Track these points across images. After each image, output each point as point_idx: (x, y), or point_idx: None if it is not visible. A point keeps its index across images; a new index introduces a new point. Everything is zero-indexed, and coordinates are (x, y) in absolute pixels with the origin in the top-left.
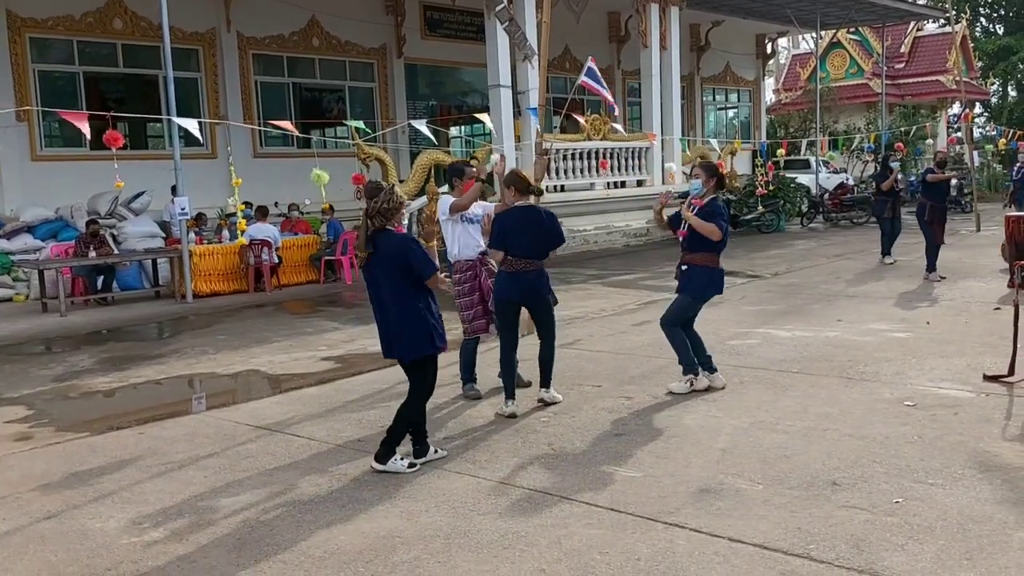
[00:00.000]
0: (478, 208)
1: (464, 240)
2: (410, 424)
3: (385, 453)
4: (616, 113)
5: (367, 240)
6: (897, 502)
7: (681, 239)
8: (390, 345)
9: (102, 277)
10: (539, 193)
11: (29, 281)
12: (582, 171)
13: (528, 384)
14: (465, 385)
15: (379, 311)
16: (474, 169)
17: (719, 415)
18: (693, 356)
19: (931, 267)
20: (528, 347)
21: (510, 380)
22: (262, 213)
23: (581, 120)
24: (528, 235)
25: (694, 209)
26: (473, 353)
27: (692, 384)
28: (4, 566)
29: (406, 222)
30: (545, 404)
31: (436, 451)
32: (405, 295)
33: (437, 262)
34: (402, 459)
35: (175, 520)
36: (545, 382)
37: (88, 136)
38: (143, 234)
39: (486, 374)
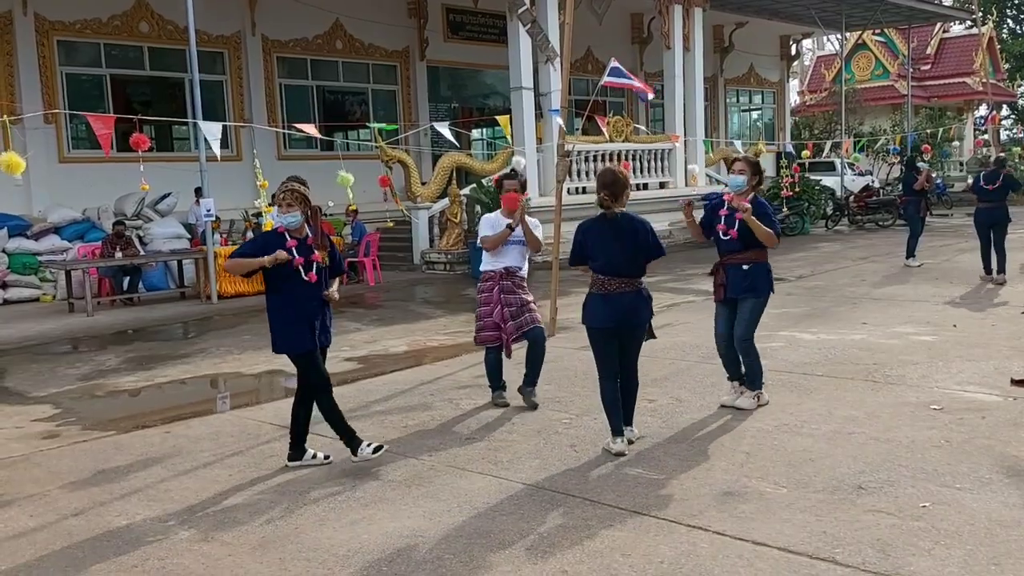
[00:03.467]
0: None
1: (491, 258)
2: (296, 419)
3: (348, 443)
4: (651, 97)
5: None
6: (924, 506)
7: (726, 239)
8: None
9: (128, 278)
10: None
11: (56, 281)
12: None
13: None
14: (493, 394)
15: None
16: (515, 182)
17: (743, 418)
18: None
19: (985, 269)
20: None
21: (614, 417)
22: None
23: (602, 124)
24: (617, 247)
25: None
26: (494, 362)
27: (759, 399)
28: (32, 562)
29: (275, 220)
30: (629, 442)
31: (315, 456)
32: (266, 289)
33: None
34: (368, 445)
35: (200, 518)
36: (627, 418)
37: (110, 147)
38: (169, 235)
39: (513, 379)
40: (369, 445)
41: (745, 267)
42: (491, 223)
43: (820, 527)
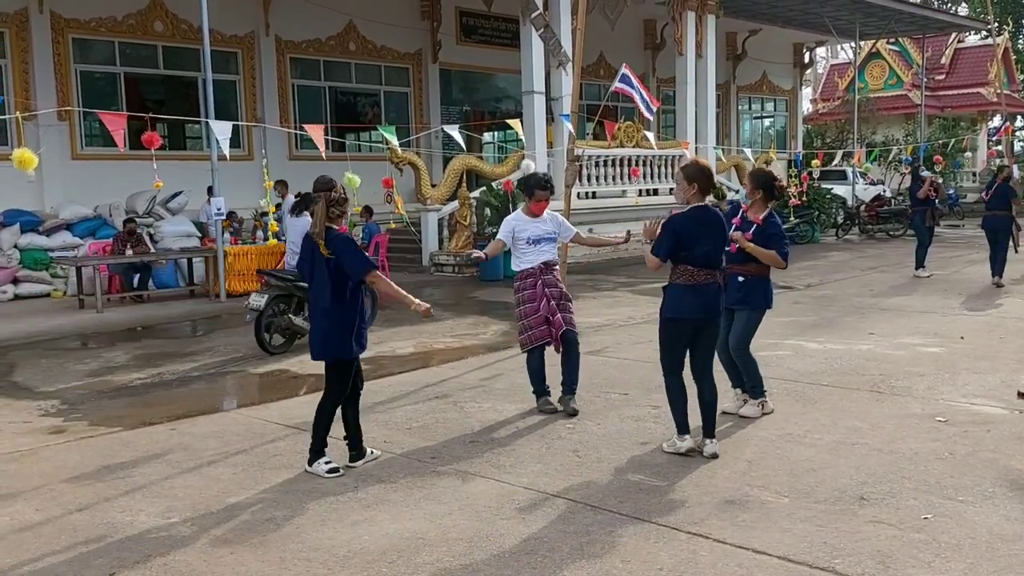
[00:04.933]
0: (548, 225)
1: (527, 256)
2: (321, 424)
3: (313, 455)
4: (656, 107)
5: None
6: (925, 518)
7: (728, 248)
8: (314, 344)
9: (138, 275)
10: (721, 196)
11: (67, 278)
12: (614, 178)
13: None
14: (539, 399)
15: (312, 306)
16: (547, 193)
17: (746, 426)
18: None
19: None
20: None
21: (681, 413)
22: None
23: (609, 132)
24: (711, 240)
25: (752, 229)
26: (539, 364)
27: (763, 407)
28: (36, 556)
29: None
30: (711, 457)
31: (372, 452)
32: (336, 294)
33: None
34: (326, 462)
35: (203, 515)
36: (709, 431)
37: (121, 147)
38: (179, 233)
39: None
40: (328, 463)
41: (741, 279)
42: (512, 225)
43: (821, 537)
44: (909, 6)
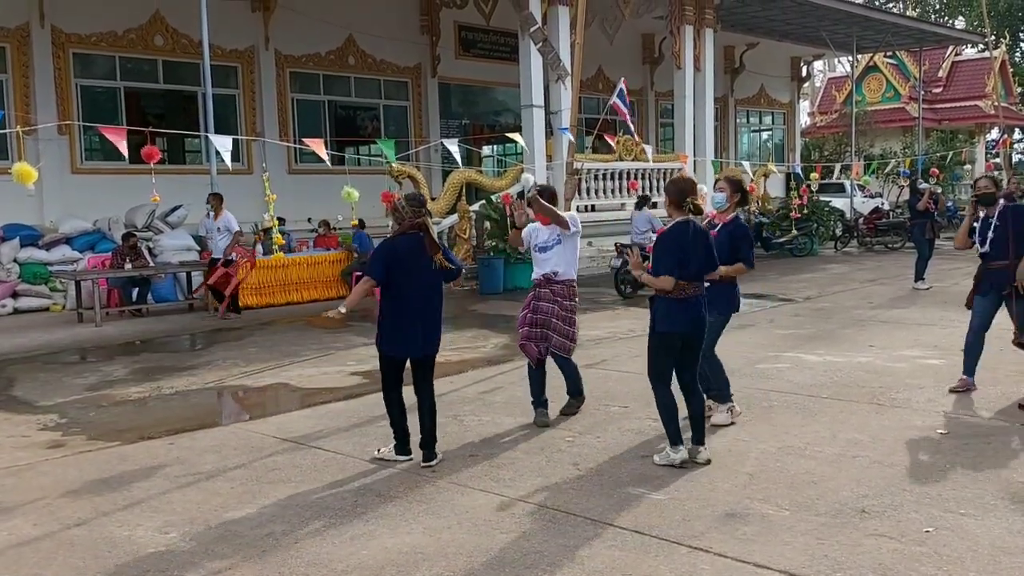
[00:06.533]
0: (551, 232)
1: (535, 266)
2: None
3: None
4: (634, 129)
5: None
6: (927, 532)
7: None
8: (427, 341)
9: (137, 289)
10: (698, 212)
11: (66, 291)
12: (613, 191)
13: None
14: (536, 410)
15: (417, 309)
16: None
17: (747, 439)
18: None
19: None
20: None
21: (673, 424)
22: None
23: (612, 142)
24: (700, 252)
25: (717, 228)
26: (537, 375)
27: (731, 412)
28: (34, 571)
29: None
30: (705, 463)
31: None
32: (442, 297)
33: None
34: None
35: (201, 530)
36: (701, 439)
37: (126, 154)
38: (178, 247)
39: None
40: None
41: (707, 284)
42: (530, 229)
43: (822, 551)
44: (906, 19)
